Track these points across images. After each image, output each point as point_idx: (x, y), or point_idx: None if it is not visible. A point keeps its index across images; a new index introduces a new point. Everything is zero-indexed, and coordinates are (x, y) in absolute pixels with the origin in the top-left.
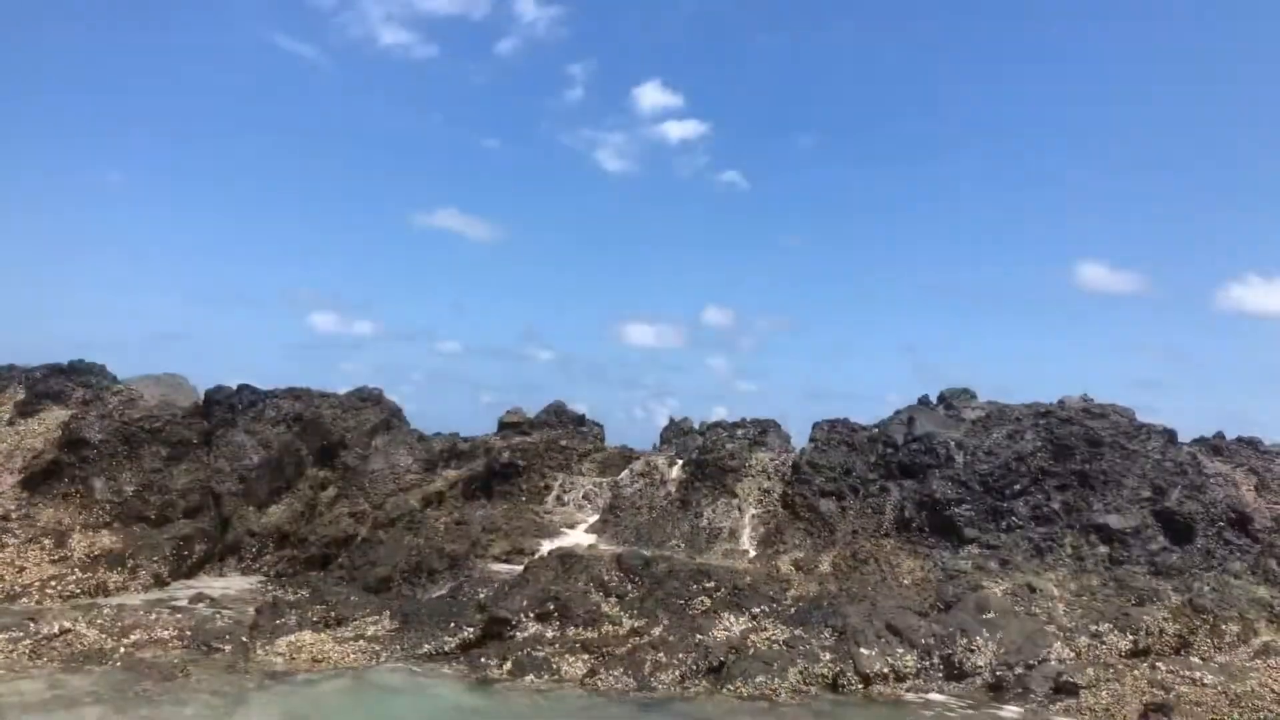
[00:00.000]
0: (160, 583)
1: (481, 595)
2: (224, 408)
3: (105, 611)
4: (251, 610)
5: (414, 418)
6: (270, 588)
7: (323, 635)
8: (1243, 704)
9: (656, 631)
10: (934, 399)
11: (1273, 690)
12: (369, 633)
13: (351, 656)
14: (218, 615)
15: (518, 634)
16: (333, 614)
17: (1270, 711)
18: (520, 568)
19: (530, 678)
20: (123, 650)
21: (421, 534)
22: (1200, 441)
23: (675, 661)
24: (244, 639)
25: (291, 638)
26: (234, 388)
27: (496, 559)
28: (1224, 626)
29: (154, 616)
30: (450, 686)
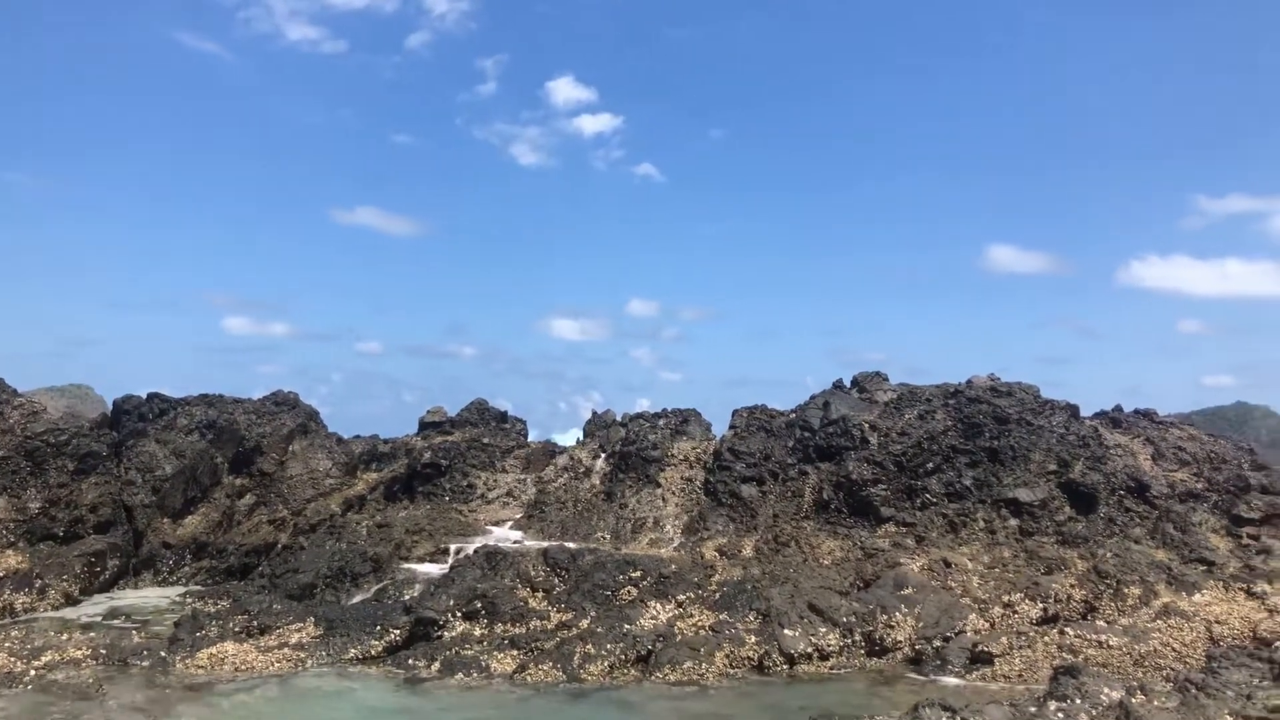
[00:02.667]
0: (71, 601)
1: (407, 597)
2: (134, 417)
3: (14, 634)
4: (170, 624)
5: (334, 420)
6: (189, 600)
7: (245, 645)
8: (1146, 663)
9: (584, 623)
10: (849, 383)
11: (1173, 649)
12: (293, 640)
13: (276, 665)
14: (134, 631)
15: (445, 634)
16: (255, 623)
17: (1172, 669)
18: (446, 567)
19: (459, 676)
20: (34, 673)
21: (344, 538)
22: (1101, 415)
23: (604, 652)
24: (162, 653)
25: (213, 649)
26: (144, 396)
27: (421, 560)
28: (1127, 590)
29: (66, 636)
30: (378, 688)
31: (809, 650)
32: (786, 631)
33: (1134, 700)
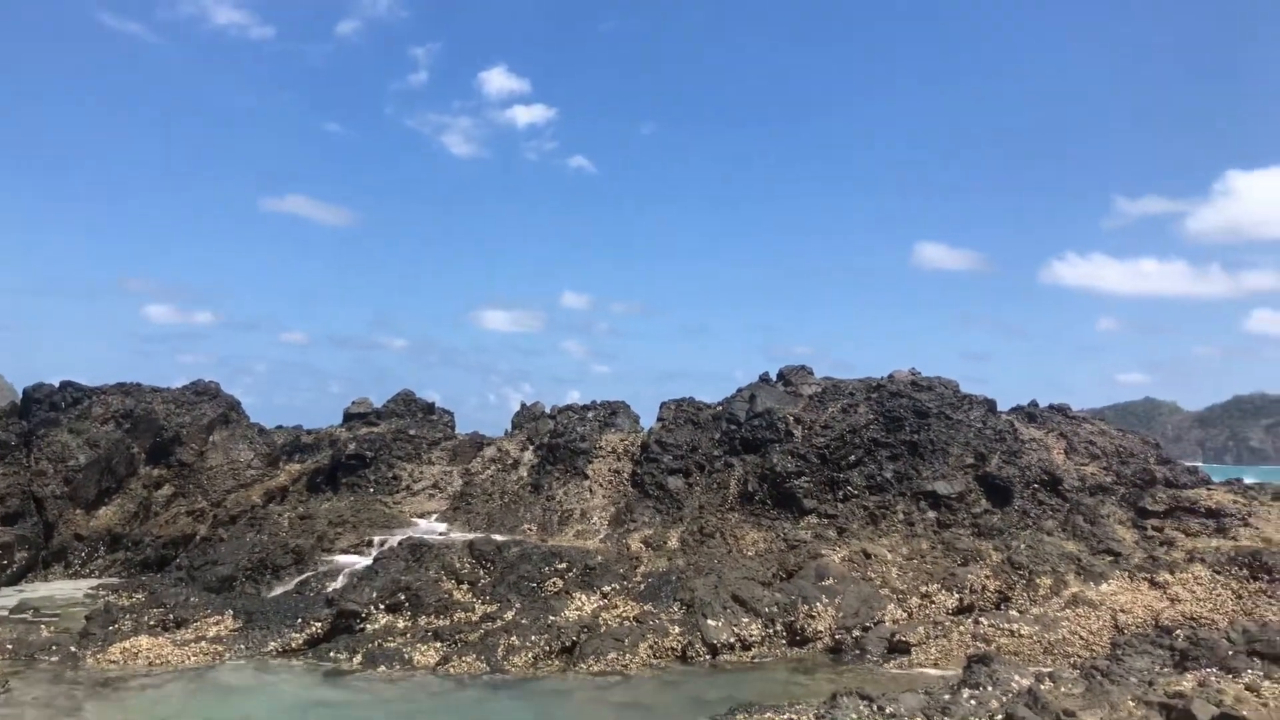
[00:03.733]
0: None
1: (329, 589)
2: (45, 406)
3: None
4: (81, 618)
5: (257, 411)
6: (102, 593)
7: (160, 639)
8: (1055, 651)
9: (509, 615)
10: (775, 376)
11: (1081, 637)
12: (211, 633)
13: (192, 659)
14: (43, 625)
15: (368, 626)
16: (171, 617)
17: (1079, 656)
18: (369, 559)
19: (382, 668)
20: None
21: (265, 530)
22: (1017, 410)
23: (528, 644)
24: (73, 648)
25: (126, 644)
26: (56, 385)
27: (344, 552)
28: (1038, 581)
29: None
30: (298, 682)
31: (732, 640)
32: (710, 622)
33: (1042, 687)
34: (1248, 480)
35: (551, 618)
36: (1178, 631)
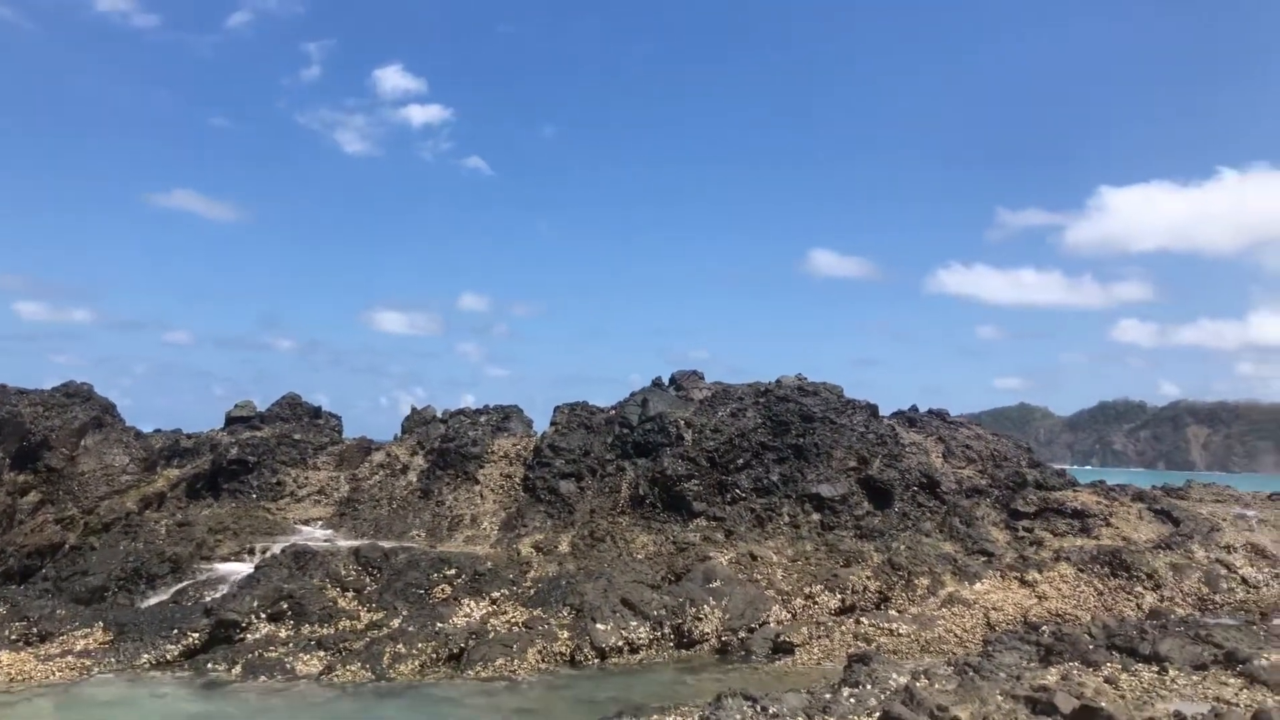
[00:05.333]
0: None
1: (208, 599)
2: None
3: None
4: None
5: (135, 414)
6: None
7: (23, 654)
8: (931, 648)
9: (396, 623)
10: (667, 381)
11: (955, 635)
12: (79, 647)
13: (57, 674)
14: None
15: (248, 636)
16: (35, 630)
17: (953, 653)
18: (251, 568)
19: (262, 679)
20: None
21: (140, 538)
22: (898, 414)
23: (415, 651)
24: None
25: None
26: None
27: (225, 560)
28: (917, 581)
29: None
30: (174, 695)
31: (620, 644)
32: (599, 626)
33: (918, 684)
34: (1110, 482)
35: (439, 624)
36: (1044, 628)
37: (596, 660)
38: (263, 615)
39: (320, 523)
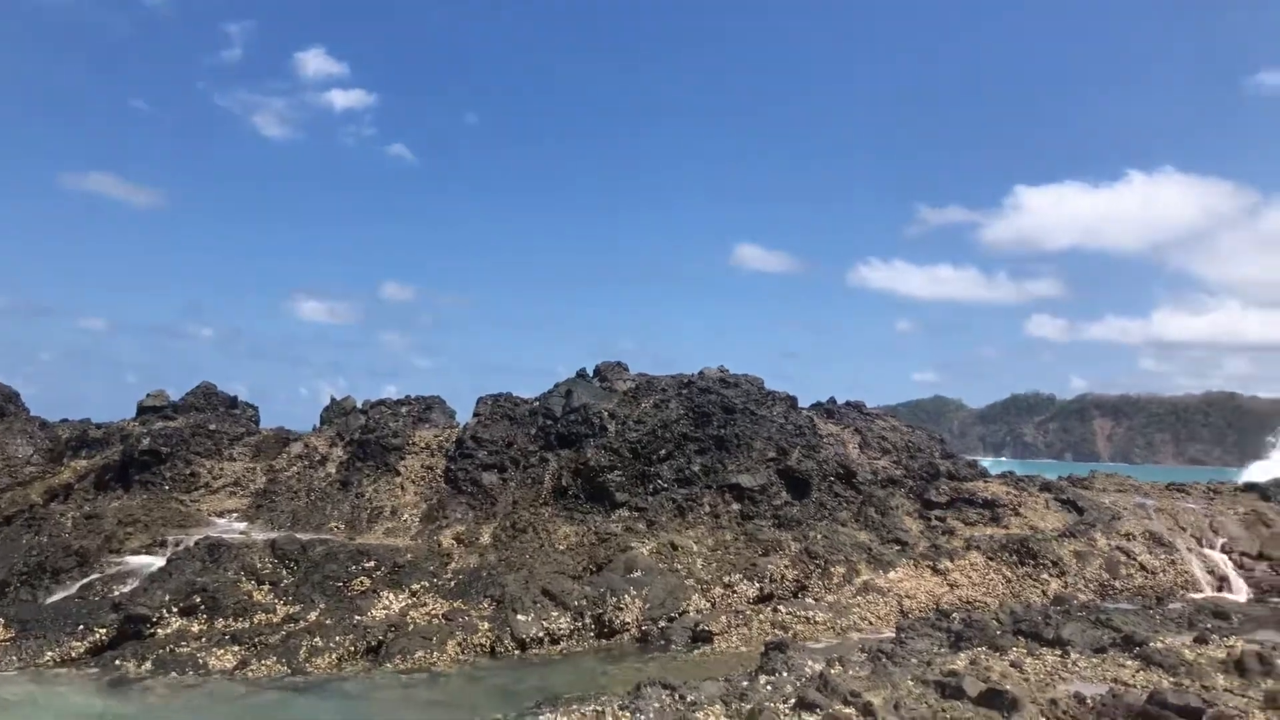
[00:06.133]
0: None
1: (117, 593)
2: None
3: None
4: None
5: (41, 402)
6: None
7: None
8: (847, 634)
9: (313, 616)
10: (591, 372)
11: (870, 622)
12: None
13: None
14: None
15: (159, 631)
16: None
17: (868, 639)
18: (163, 561)
19: (173, 675)
20: None
21: (44, 531)
22: (816, 406)
23: (332, 644)
24: None
25: None
26: None
27: (135, 553)
28: (833, 569)
29: None
30: (78, 692)
31: (541, 634)
32: (520, 617)
33: (832, 671)
34: (1020, 473)
35: (357, 617)
36: (955, 615)
37: (517, 651)
38: (174, 610)
39: (236, 515)
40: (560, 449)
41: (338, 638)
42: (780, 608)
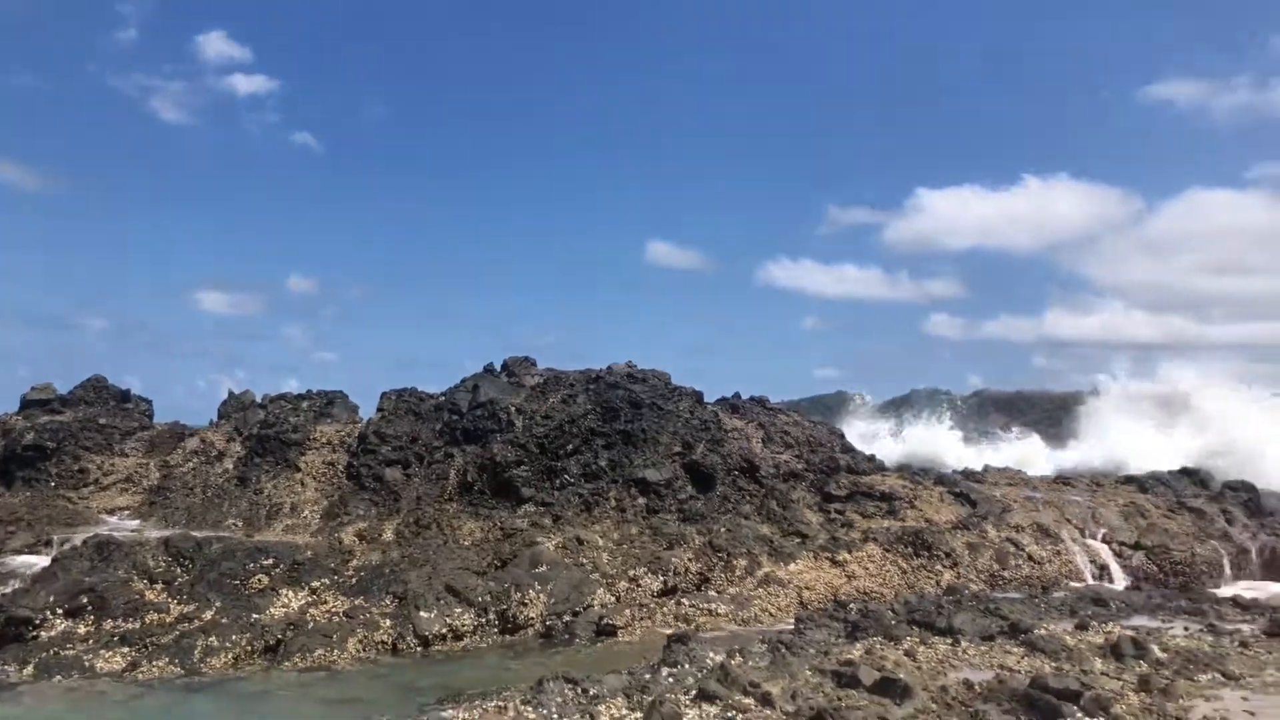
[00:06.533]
0: None
1: None
2: None
3: None
4: None
5: None
6: None
7: None
8: (748, 626)
9: (208, 615)
10: (499, 367)
11: (770, 613)
12: None
13: None
14: None
15: (43, 633)
16: None
17: (769, 630)
18: (47, 560)
19: (58, 678)
20: None
21: None
22: (722, 401)
23: (228, 644)
24: None
25: None
26: None
27: (18, 552)
28: (735, 562)
29: None
30: None
31: (444, 631)
32: (423, 614)
33: (733, 662)
34: (915, 467)
35: (255, 616)
36: (852, 605)
37: (420, 648)
38: (59, 611)
39: (128, 512)
40: (466, 445)
41: (234, 637)
42: (684, 600)
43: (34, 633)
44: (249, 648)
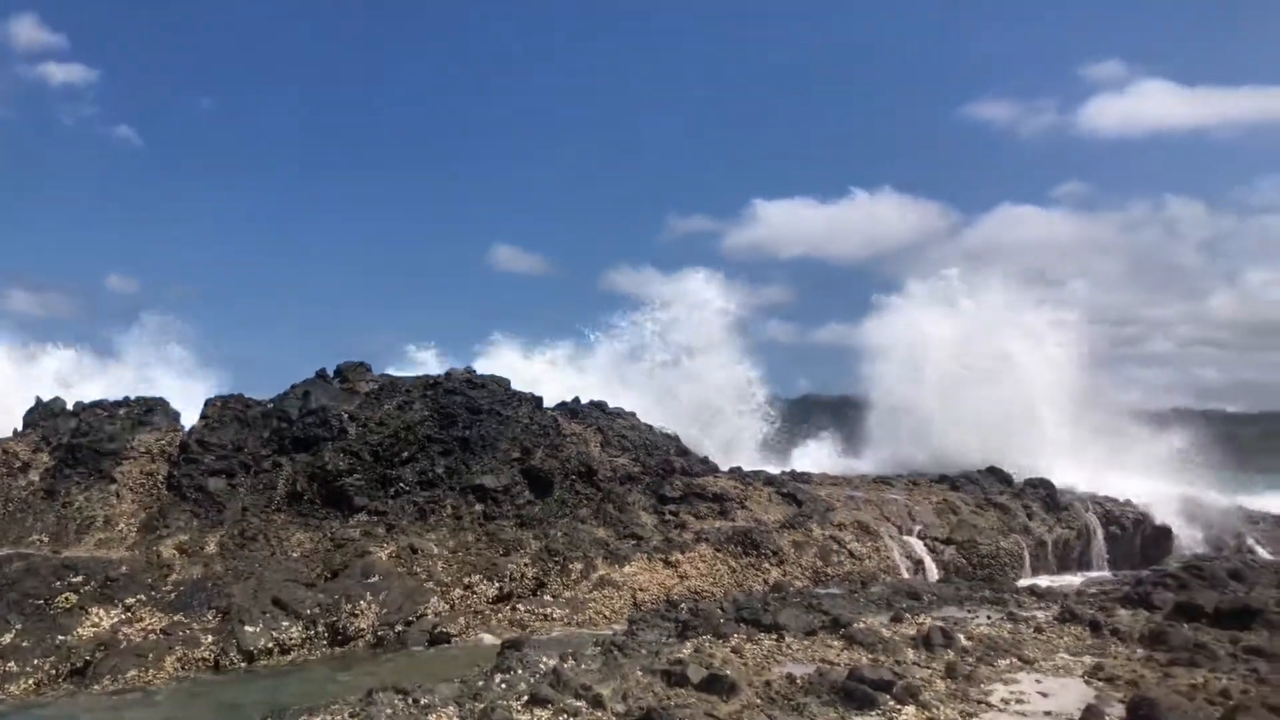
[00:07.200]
0: None
1: None
2: None
3: None
4: None
5: None
6: None
7: None
8: (583, 627)
9: (8, 638)
10: (332, 373)
11: (605, 615)
12: None
13: None
14: None
15: None
16: None
17: (603, 633)
18: None
19: None
20: None
21: None
22: (561, 405)
23: (30, 668)
24: None
25: None
26: None
27: None
28: (572, 566)
29: None
30: None
31: (270, 645)
32: (247, 628)
33: (565, 665)
34: (747, 468)
35: (61, 637)
36: (683, 605)
37: (244, 664)
38: None
39: None
40: (296, 453)
41: (36, 660)
42: (519, 606)
43: None
44: (53, 671)
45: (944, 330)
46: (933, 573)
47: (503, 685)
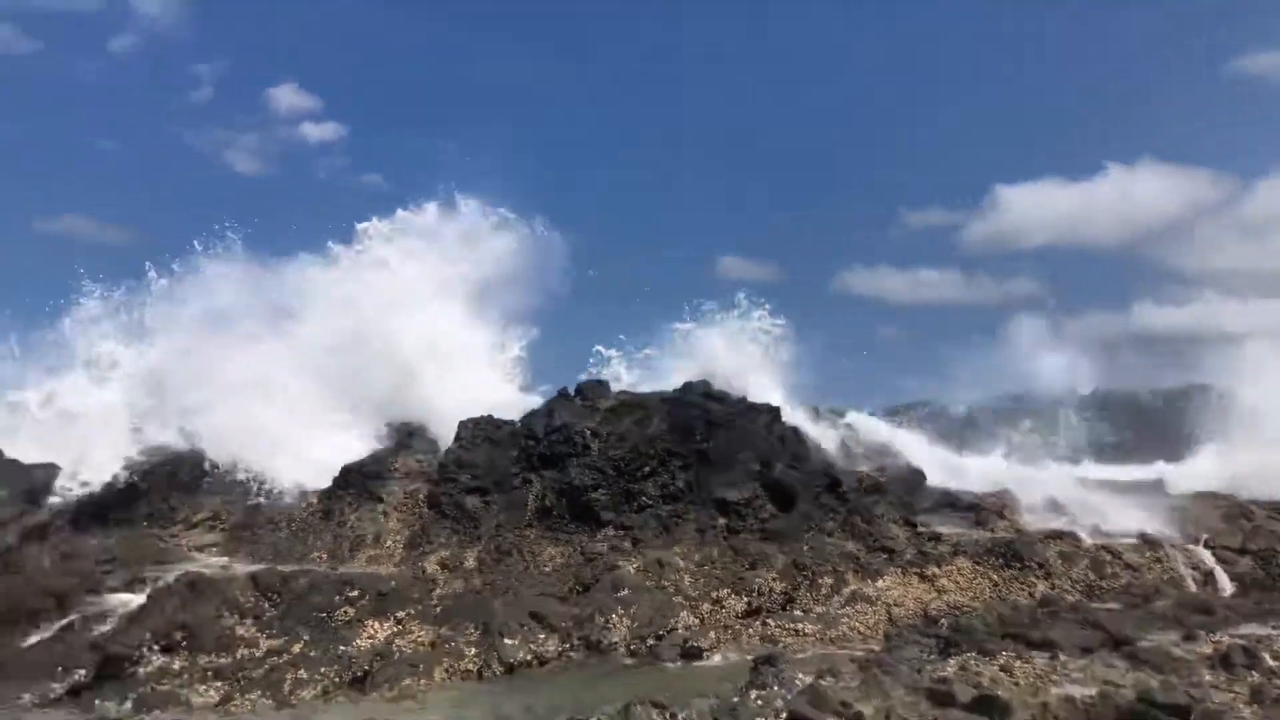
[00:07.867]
0: None
1: (96, 633)
2: None
3: None
4: None
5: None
6: None
7: None
8: (836, 645)
9: (297, 649)
10: (573, 391)
11: (859, 632)
12: None
13: None
14: None
15: (140, 669)
16: None
17: (858, 650)
18: (142, 598)
19: (155, 713)
20: None
21: (21, 573)
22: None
23: (317, 676)
24: None
25: None
26: None
27: (114, 591)
28: (820, 580)
29: None
30: None
31: (528, 657)
32: (507, 640)
33: (823, 683)
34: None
35: (342, 648)
36: (942, 621)
37: (505, 674)
38: (155, 647)
39: (215, 549)
40: (543, 470)
41: (322, 669)
42: (769, 620)
43: (131, 669)
44: (338, 679)
45: None
46: (1225, 585)
47: (759, 702)
